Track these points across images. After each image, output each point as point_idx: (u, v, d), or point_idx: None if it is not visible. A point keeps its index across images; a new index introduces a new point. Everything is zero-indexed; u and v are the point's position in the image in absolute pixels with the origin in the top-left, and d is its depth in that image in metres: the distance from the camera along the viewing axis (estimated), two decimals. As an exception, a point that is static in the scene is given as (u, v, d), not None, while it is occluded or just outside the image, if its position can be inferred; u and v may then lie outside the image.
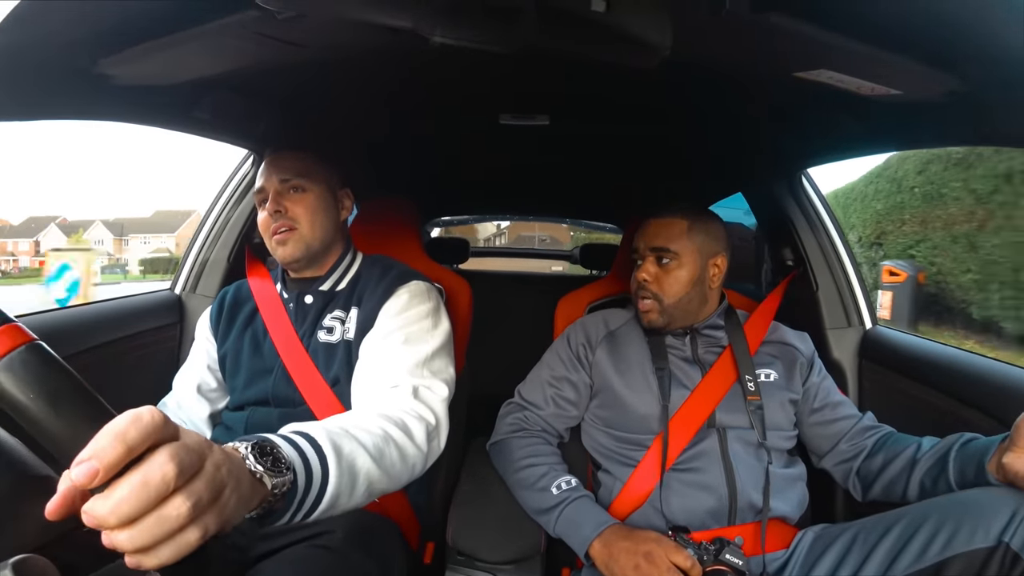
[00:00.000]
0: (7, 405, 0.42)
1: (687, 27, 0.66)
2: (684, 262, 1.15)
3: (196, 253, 1.58)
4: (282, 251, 1.08)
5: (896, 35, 0.68)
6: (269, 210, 1.08)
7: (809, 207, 1.50)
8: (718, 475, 1.06)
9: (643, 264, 1.17)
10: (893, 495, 1.04)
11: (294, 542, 0.93)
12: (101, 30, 0.76)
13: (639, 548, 0.95)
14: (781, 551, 1.04)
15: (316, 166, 1.13)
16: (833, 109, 1.06)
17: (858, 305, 1.46)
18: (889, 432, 1.12)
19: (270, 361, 1.09)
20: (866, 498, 1.09)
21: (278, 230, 1.07)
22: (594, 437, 1.21)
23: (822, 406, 1.17)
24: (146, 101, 1.01)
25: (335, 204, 1.16)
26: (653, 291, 1.15)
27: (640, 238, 1.19)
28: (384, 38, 0.79)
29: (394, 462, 0.78)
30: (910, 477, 1.00)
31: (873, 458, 1.08)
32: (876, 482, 1.06)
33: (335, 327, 1.09)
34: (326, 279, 1.14)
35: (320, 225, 1.11)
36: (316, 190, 1.11)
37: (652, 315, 1.16)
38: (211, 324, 1.19)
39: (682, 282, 1.15)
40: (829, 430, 1.16)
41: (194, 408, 1.14)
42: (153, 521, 0.38)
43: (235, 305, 1.19)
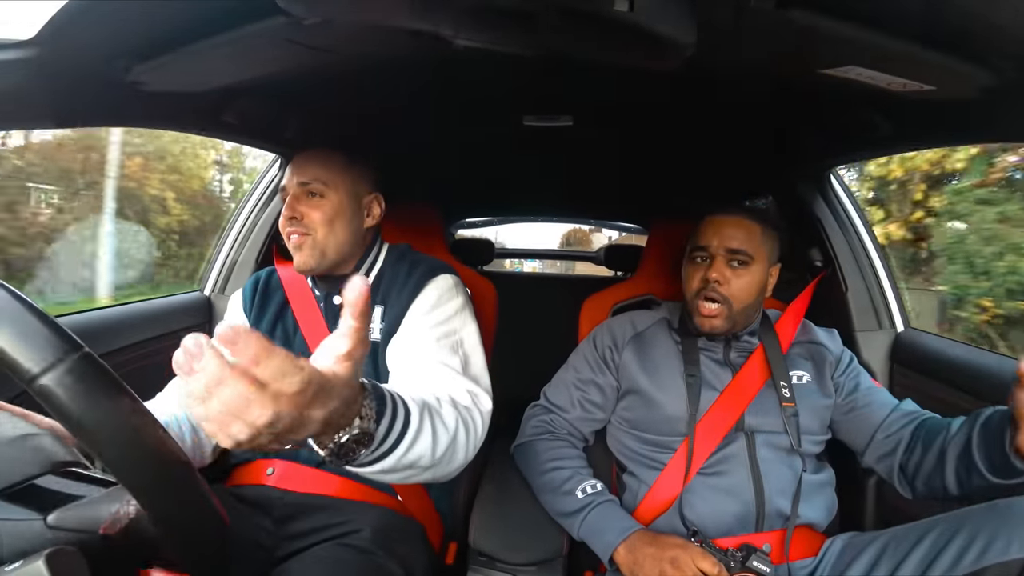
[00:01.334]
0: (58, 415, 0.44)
1: (711, 26, 0.65)
2: (755, 268, 1.10)
3: (225, 255, 1.61)
4: (297, 257, 1.06)
5: (927, 30, 0.67)
6: (286, 214, 1.06)
7: (838, 206, 1.47)
8: (745, 480, 1.05)
9: (714, 263, 1.10)
10: (936, 491, 0.98)
11: (320, 541, 0.94)
12: (134, 39, 0.78)
13: (665, 554, 0.93)
14: (809, 559, 1.02)
15: (340, 171, 1.09)
16: (862, 107, 1.04)
17: (889, 307, 1.42)
18: (925, 419, 1.05)
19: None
20: (915, 495, 1.03)
21: (292, 235, 1.05)
22: (620, 439, 1.20)
23: (853, 396, 1.13)
24: (177, 107, 1.03)
25: (358, 211, 1.11)
26: (723, 294, 1.09)
27: (709, 236, 1.12)
28: (408, 42, 0.79)
29: (456, 449, 0.77)
30: (944, 470, 0.95)
31: (913, 451, 1.02)
32: (917, 477, 1.01)
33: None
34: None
35: (336, 234, 1.06)
36: (335, 197, 1.07)
37: (717, 320, 1.10)
38: (244, 304, 1.17)
39: (752, 288, 1.10)
40: (862, 420, 1.11)
41: None
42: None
43: (266, 293, 1.17)
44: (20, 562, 0.44)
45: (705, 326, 1.12)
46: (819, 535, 1.07)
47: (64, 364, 0.44)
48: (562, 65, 0.98)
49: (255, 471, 1.03)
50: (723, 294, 1.09)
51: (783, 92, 1.06)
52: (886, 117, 1.03)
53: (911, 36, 0.68)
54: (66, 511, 0.50)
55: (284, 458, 1.01)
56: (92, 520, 0.50)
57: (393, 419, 0.61)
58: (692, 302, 1.13)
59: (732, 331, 1.15)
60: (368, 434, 0.55)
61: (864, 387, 1.14)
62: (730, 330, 1.13)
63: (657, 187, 2.18)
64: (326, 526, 0.96)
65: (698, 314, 1.12)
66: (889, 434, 1.07)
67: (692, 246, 1.16)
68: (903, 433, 1.05)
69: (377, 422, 0.57)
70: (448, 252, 1.55)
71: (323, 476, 1.00)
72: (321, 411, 0.45)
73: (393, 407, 0.61)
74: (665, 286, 1.48)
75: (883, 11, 0.65)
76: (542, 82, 1.16)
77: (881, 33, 0.67)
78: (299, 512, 0.97)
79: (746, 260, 1.10)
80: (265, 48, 0.81)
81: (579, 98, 1.26)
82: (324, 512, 0.97)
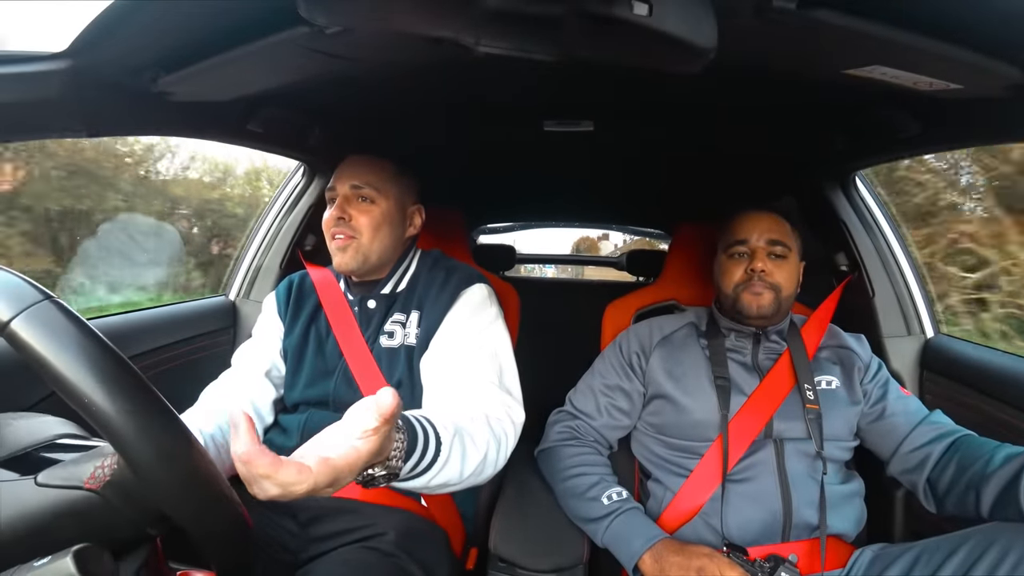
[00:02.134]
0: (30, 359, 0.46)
1: (732, 28, 0.65)
2: (792, 259, 1.13)
3: (249, 260, 1.64)
4: (340, 257, 1.08)
5: (952, 27, 0.65)
6: (334, 214, 1.08)
7: (864, 209, 1.44)
8: (772, 488, 1.03)
9: (756, 255, 1.12)
10: (968, 513, 0.94)
11: (344, 544, 0.95)
12: (162, 51, 0.80)
13: (691, 563, 0.92)
14: (837, 570, 1.00)
15: (391, 179, 1.11)
16: (888, 107, 1.02)
17: (919, 312, 1.39)
18: (960, 438, 1.02)
19: (332, 362, 1.09)
20: (941, 511, 1.01)
21: (337, 235, 1.07)
22: (645, 445, 1.19)
23: (880, 403, 1.11)
24: (203, 116, 1.06)
25: (402, 220, 1.14)
26: (770, 281, 1.11)
27: (748, 230, 1.14)
28: (428, 49, 0.80)
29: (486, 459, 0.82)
30: (981, 498, 0.91)
31: (945, 469, 0.99)
32: (948, 497, 0.98)
33: (395, 331, 1.09)
34: (387, 282, 1.13)
35: (381, 240, 1.09)
36: (384, 204, 1.09)
37: (765, 299, 1.11)
38: (279, 308, 1.18)
39: (792, 278, 1.14)
40: (889, 429, 1.09)
41: (261, 392, 1.10)
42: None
43: (300, 296, 1.18)
44: (49, 558, 0.45)
45: (754, 305, 1.12)
46: (847, 546, 1.04)
47: (31, 309, 0.46)
48: (582, 71, 0.99)
49: None
50: (770, 281, 1.11)
51: (806, 93, 1.05)
52: (912, 117, 1.01)
53: (936, 34, 0.67)
54: (53, 470, 0.53)
55: None
56: (76, 475, 0.51)
57: (424, 452, 0.66)
58: (735, 292, 1.14)
59: (775, 320, 1.15)
60: (395, 472, 0.63)
61: (892, 395, 1.12)
62: (774, 316, 1.14)
63: (679, 191, 2.16)
64: (351, 529, 0.97)
65: (746, 295, 1.12)
66: (917, 447, 1.05)
67: (729, 242, 1.16)
68: (933, 448, 1.03)
69: (406, 459, 0.63)
70: (471, 257, 1.55)
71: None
72: (347, 477, 0.54)
73: (424, 441, 0.67)
74: (688, 291, 1.46)
75: (907, 9, 0.64)
76: (562, 88, 1.16)
77: (905, 31, 0.66)
78: (324, 515, 0.98)
79: (784, 252, 1.12)
80: (288, 57, 0.83)
81: (600, 103, 1.26)
82: (349, 515, 0.98)
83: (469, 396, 0.92)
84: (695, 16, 0.62)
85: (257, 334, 1.18)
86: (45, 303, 0.47)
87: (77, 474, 0.52)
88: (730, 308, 1.16)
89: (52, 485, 0.51)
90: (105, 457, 0.52)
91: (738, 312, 1.15)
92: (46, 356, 0.45)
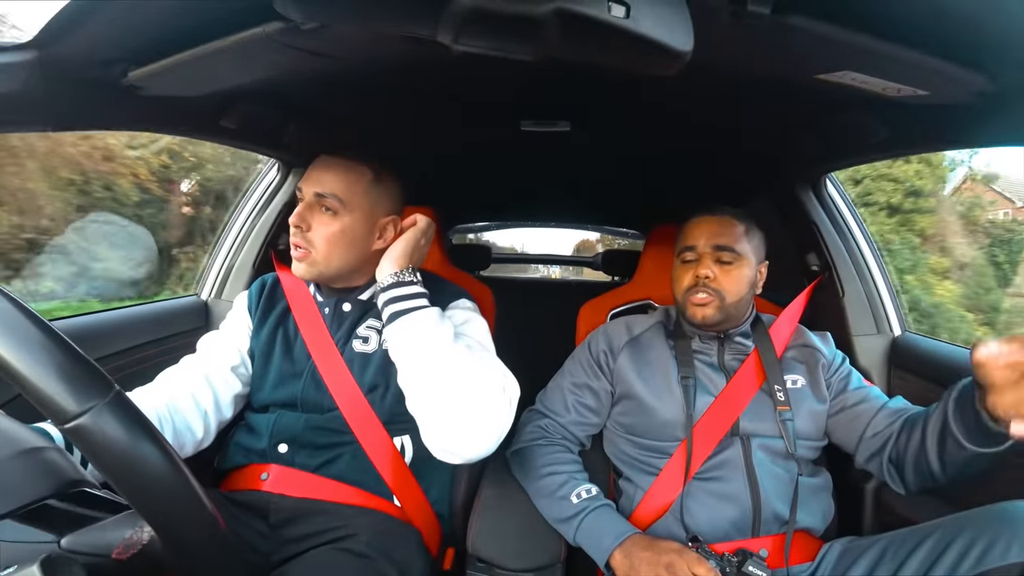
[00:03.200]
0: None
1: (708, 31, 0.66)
2: (744, 263, 1.13)
3: (222, 259, 1.61)
4: (295, 266, 1.05)
5: (922, 35, 0.67)
6: (294, 220, 1.02)
7: (835, 211, 1.47)
8: (741, 485, 1.05)
9: (702, 261, 1.13)
10: (924, 476, 0.97)
11: (317, 545, 0.94)
12: (132, 44, 0.78)
13: (660, 559, 0.93)
14: (806, 563, 1.02)
15: (363, 192, 1.04)
16: (857, 111, 1.04)
17: (887, 311, 1.42)
18: (912, 412, 1.05)
19: (300, 364, 1.07)
20: (907, 489, 1.02)
21: (295, 245, 1.03)
22: (616, 444, 1.20)
23: (843, 395, 1.13)
24: (174, 111, 1.03)
25: (368, 234, 1.06)
26: (714, 287, 1.11)
27: (696, 236, 1.15)
28: (406, 47, 0.80)
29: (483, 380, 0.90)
30: (926, 450, 0.94)
31: (898, 441, 1.02)
32: (904, 466, 1.00)
33: (371, 336, 1.08)
34: (365, 289, 1.12)
35: (339, 256, 1.04)
36: (347, 219, 1.03)
37: (709, 309, 1.11)
38: (250, 305, 1.15)
39: (742, 282, 1.13)
40: (852, 419, 1.11)
41: (223, 383, 1.06)
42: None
43: (271, 297, 1.16)
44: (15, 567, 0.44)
45: (697, 315, 1.13)
46: (816, 540, 1.07)
47: (101, 404, 0.45)
48: (560, 71, 0.99)
49: (249, 476, 1.02)
50: (713, 287, 1.11)
51: (779, 97, 1.06)
52: (882, 122, 1.04)
53: (905, 41, 0.68)
54: (80, 535, 0.51)
55: (278, 463, 1.01)
56: (105, 544, 0.50)
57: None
58: (683, 299, 1.15)
59: (725, 326, 1.16)
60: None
61: (854, 387, 1.14)
62: (723, 323, 1.15)
63: (654, 192, 2.18)
64: (323, 531, 0.96)
65: (690, 305, 1.13)
66: (878, 431, 1.07)
67: (680, 247, 1.18)
68: (891, 429, 1.05)
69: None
70: (445, 256, 1.55)
71: (319, 481, 1.00)
72: None
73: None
74: (663, 291, 1.48)
75: (878, 16, 0.65)
76: (540, 88, 1.16)
77: (876, 38, 0.68)
78: (295, 516, 0.97)
79: (732, 257, 1.12)
80: (262, 53, 0.81)
81: (577, 104, 1.26)
82: (321, 516, 0.97)
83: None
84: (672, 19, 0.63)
85: (226, 328, 1.15)
86: (114, 396, 0.46)
87: (106, 543, 0.50)
88: (682, 314, 1.18)
89: (78, 552, 0.50)
90: (135, 529, 0.51)
91: (687, 321, 1.17)
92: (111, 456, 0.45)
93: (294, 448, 1.01)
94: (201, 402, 1.02)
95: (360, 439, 1.02)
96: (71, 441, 0.45)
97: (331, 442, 1.02)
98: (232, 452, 1.06)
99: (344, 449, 1.02)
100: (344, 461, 1.02)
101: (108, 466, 0.45)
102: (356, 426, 1.02)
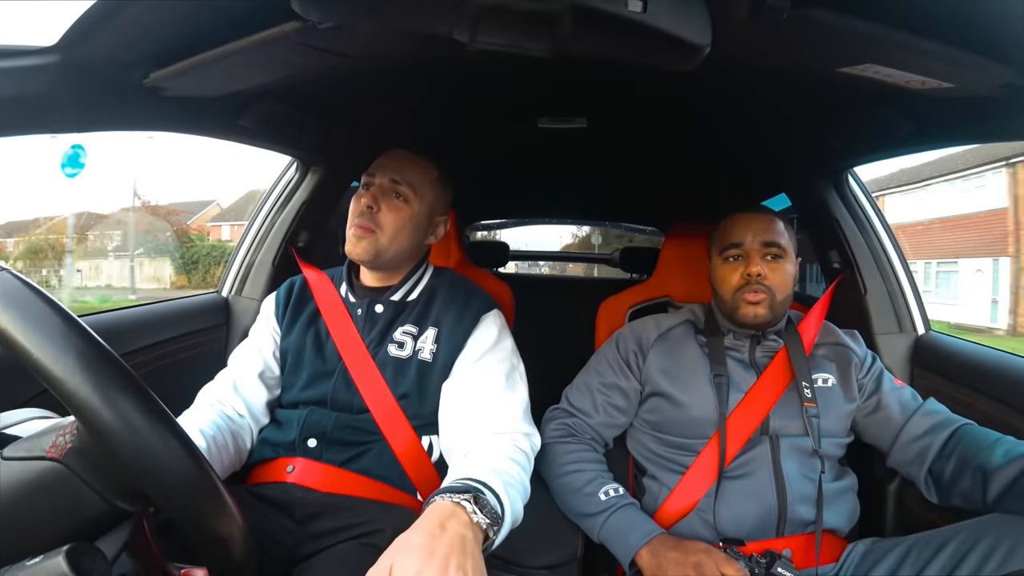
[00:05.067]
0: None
1: (727, 25, 0.65)
2: (788, 259, 1.12)
3: (242, 256, 1.63)
4: (353, 246, 1.07)
5: (946, 26, 0.66)
6: (365, 201, 1.07)
7: (857, 207, 1.45)
8: (768, 484, 1.04)
9: (751, 259, 1.11)
10: (973, 503, 0.94)
11: (342, 540, 0.95)
12: (153, 46, 0.80)
13: (688, 559, 0.93)
14: (831, 564, 1.01)
15: (431, 184, 1.12)
16: (880, 105, 1.02)
17: (910, 309, 1.40)
18: (961, 428, 1.02)
19: (331, 364, 1.08)
20: (944, 502, 1.00)
21: (360, 225, 1.06)
22: (641, 442, 1.19)
23: (875, 396, 1.12)
24: (194, 112, 1.05)
25: (427, 227, 1.14)
26: (767, 284, 1.09)
27: (741, 233, 1.13)
28: (423, 45, 0.80)
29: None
30: (987, 493, 0.90)
31: (947, 460, 0.99)
32: (953, 490, 0.97)
33: (406, 342, 1.08)
34: (398, 289, 1.13)
35: (401, 242, 1.09)
36: (416, 207, 1.09)
37: (762, 308, 1.10)
38: (276, 312, 1.17)
39: (789, 279, 1.12)
40: (885, 421, 1.10)
41: (254, 393, 1.10)
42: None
43: (300, 301, 1.17)
44: (40, 557, 0.45)
45: (750, 314, 1.11)
46: (840, 540, 1.05)
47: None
48: (576, 67, 0.98)
49: (275, 469, 1.03)
50: (767, 285, 1.10)
51: (800, 91, 1.05)
52: (905, 116, 1.02)
53: (929, 33, 0.67)
54: (18, 443, 0.53)
55: (306, 457, 1.02)
56: (39, 446, 0.52)
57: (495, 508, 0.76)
58: (733, 299, 1.12)
59: (772, 322, 1.14)
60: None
61: (887, 387, 1.13)
62: (772, 321, 1.13)
63: (673, 189, 2.17)
64: (347, 526, 0.97)
65: (744, 304, 1.11)
66: (914, 437, 1.05)
67: (724, 244, 1.15)
68: (932, 439, 1.03)
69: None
70: (464, 254, 1.55)
71: (345, 475, 1.01)
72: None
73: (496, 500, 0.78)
74: (682, 288, 1.47)
75: (900, 8, 0.64)
76: (557, 85, 1.16)
77: (898, 30, 0.67)
78: (321, 512, 0.98)
79: (780, 253, 1.11)
80: (281, 53, 0.82)
81: (594, 100, 1.26)
82: (346, 512, 0.98)
83: (492, 435, 0.96)
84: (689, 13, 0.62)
85: (253, 335, 1.18)
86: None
87: (40, 444, 0.52)
88: (728, 314, 1.16)
89: (15, 457, 0.51)
90: (66, 426, 0.53)
91: (735, 321, 1.15)
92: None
93: (323, 443, 1.02)
94: (243, 414, 1.07)
95: (388, 439, 1.03)
96: None
97: (360, 440, 1.03)
98: (259, 447, 1.07)
99: (371, 446, 1.03)
100: (370, 457, 1.03)
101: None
102: (385, 427, 1.03)
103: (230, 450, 0.99)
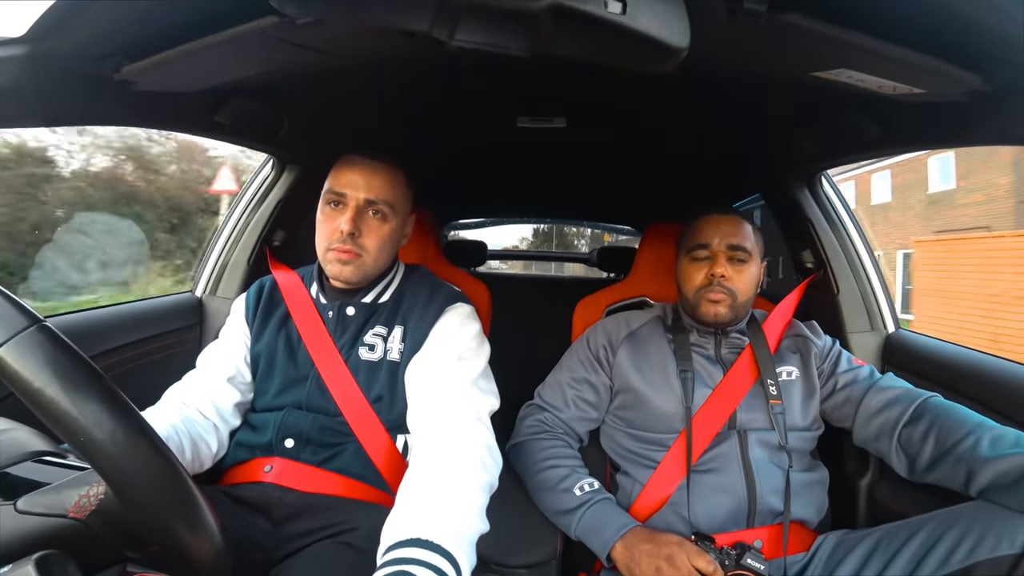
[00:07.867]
0: (17, 388, 0.44)
1: (704, 28, 0.66)
2: (753, 262, 1.15)
3: (216, 256, 1.60)
4: (339, 271, 1.04)
5: (918, 34, 0.67)
6: (344, 228, 1.02)
7: (830, 208, 1.48)
8: (738, 477, 1.06)
9: (717, 260, 1.13)
10: (952, 485, 0.94)
11: (318, 540, 0.94)
12: (125, 38, 0.78)
13: (661, 551, 0.94)
14: (801, 554, 1.03)
15: (403, 193, 1.10)
16: (853, 109, 1.05)
17: (881, 308, 1.43)
18: (927, 402, 1.04)
19: (304, 369, 1.07)
20: (917, 478, 1.01)
21: (343, 250, 1.03)
22: (614, 438, 1.21)
23: (834, 377, 1.15)
24: (168, 106, 1.02)
25: (403, 233, 1.13)
26: (728, 286, 1.13)
27: (709, 234, 1.15)
28: (402, 42, 0.79)
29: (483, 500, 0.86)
30: (972, 475, 0.90)
31: (923, 438, 0.99)
32: (935, 466, 0.97)
33: (376, 344, 1.07)
34: (370, 291, 1.11)
35: (384, 257, 1.08)
36: (394, 222, 1.07)
37: (722, 307, 1.13)
38: (247, 313, 1.14)
39: (753, 280, 1.16)
40: (843, 399, 1.13)
41: (222, 396, 1.06)
42: None
43: (270, 303, 1.15)
44: (9, 567, 0.44)
45: (711, 313, 1.14)
46: (810, 532, 1.08)
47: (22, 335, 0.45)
48: (556, 67, 0.99)
49: (252, 469, 1.02)
50: (728, 287, 1.13)
51: (775, 94, 1.07)
52: (876, 120, 1.04)
53: (902, 39, 0.69)
54: (35, 496, 0.50)
55: (283, 457, 1.01)
56: (60, 503, 0.50)
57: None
58: (695, 297, 1.16)
59: (733, 321, 1.17)
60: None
61: (844, 367, 1.16)
62: (732, 320, 1.16)
63: (650, 189, 2.19)
64: (324, 526, 0.96)
65: (704, 302, 1.14)
66: (876, 410, 1.08)
67: (691, 245, 1.18)
68: (896, 412, 1.04)
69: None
70: (441, 254, 1.54)
71: (322, 475, 1.00)
72: None
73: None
74: (659, 288, 1.48)
75: (875, 15, 0.65)
76: (536, 84, 1.16)
77: (872, 37, 0.68)
78: (298, 512, 0.97)
79: (745, 256, 1.14)
80: (257, 48, 0.81)
81: (573, 100, 1.26)
82: (323, 512, 0.97)
83: (445, 407, 0.94)
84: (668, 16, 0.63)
85: (223, 338, 1.15)
86: (33, 329, 0.46)
87: (61, 502, 0.50)
88: (691, 311, 1.19)
89: (34, 513, 0.49)
90: (91, 485, 0.51)
91: (697, 318, 1.18)
92: (34, 385, 0.44)
93: (300, 443, 1.01)
94: (210, 416, 1.03)
95: (362, 441, 1.02)
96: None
97: (336, 441, 1.03)
98: (233, 450, 1.06)
99: (347, 446, 1.03)
100: (347, 457, 1.02)
101: (32, 398, 0.45)
102: (359, 431, 1.02)
103: (186, 454, 0.95)
